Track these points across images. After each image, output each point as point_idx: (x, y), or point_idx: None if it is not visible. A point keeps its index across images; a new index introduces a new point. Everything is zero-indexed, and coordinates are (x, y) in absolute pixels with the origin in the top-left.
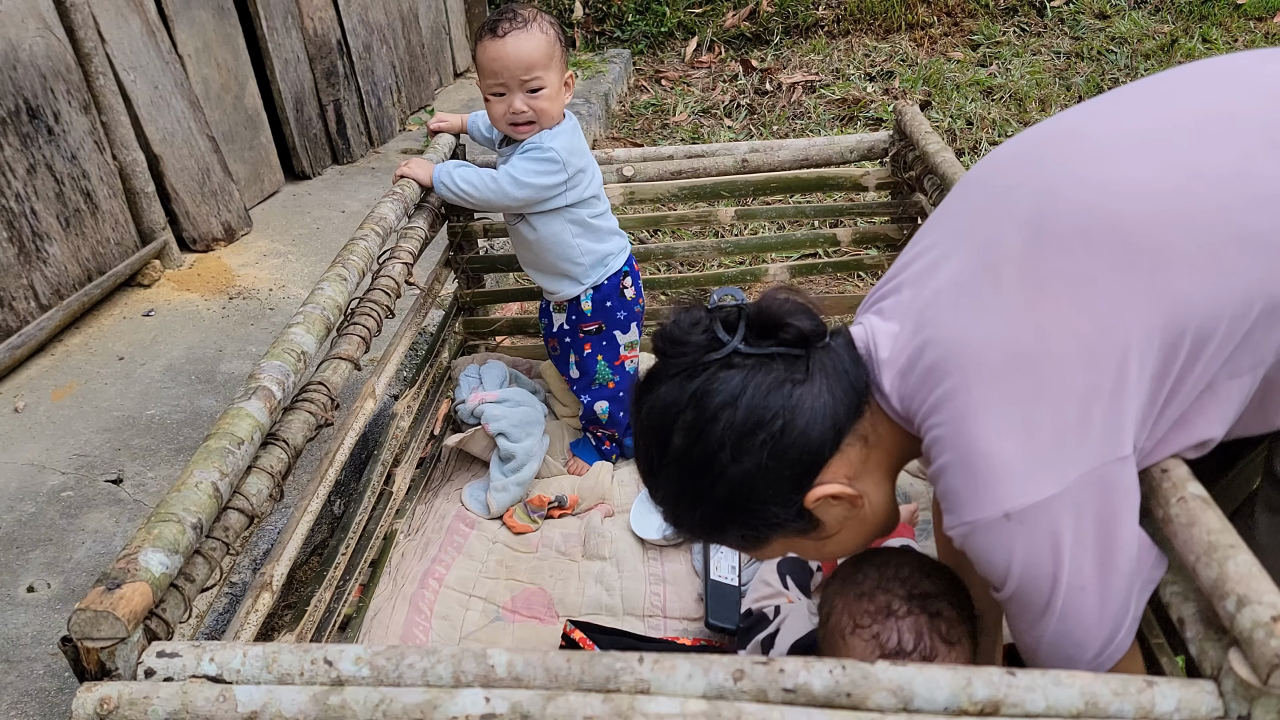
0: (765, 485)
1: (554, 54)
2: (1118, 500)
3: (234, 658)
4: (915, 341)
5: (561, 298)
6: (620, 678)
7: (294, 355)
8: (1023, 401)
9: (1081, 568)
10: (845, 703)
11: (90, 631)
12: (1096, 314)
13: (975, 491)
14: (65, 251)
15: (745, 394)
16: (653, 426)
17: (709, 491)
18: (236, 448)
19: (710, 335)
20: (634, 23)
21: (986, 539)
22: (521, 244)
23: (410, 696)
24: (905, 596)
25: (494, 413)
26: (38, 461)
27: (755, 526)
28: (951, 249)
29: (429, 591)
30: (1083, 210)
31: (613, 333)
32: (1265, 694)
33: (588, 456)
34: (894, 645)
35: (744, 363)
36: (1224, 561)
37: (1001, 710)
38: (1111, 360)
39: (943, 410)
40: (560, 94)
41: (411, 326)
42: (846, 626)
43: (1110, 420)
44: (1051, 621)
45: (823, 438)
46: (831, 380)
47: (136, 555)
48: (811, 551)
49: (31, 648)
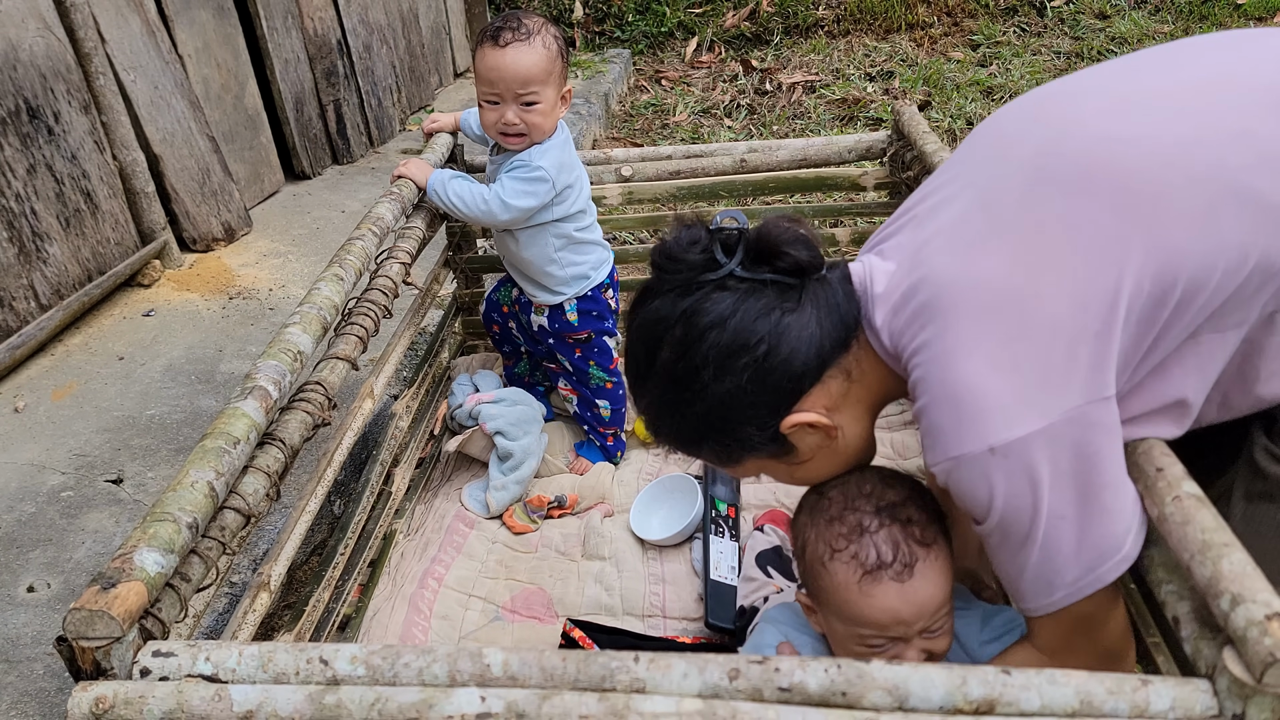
0: (744, 407)
1: (553, 70)
2: (1100, 438)
3: (229, 657)
4: (910, 279)
5: (540, 303)
6: (616, 677)
7: (290, 355)
8: (1012, 339)
9: (1062, 499)
10: (840, 701)
11: (85, 631)
12: (1091, 256)
13: (960, 426)
14: (65, 251)
15: (734, 317)
16: (643, 338)
17: (689, 406)
18: (233, 447)
19: (708, 255)
20: (634, 23)
21: (970, 473)
22: (506, 251)
23: (406, 696)
24: (874, 511)
25: (491, 412)
26: (38, 461)
27: (730, 445)
28: (954, 193)
29: (428, 591)
30: (1086, 156)
31: (602, 339)
32: (1259, 692)
33: (592, 456)
34: (874, 561)
35: (737, 286)
36: (1218, 560)
37: (996, 709)
38: (1102, 303)
39: (932, 346)
40: (555, 109)
41: (410, 326)
42: (824, 554)
43: (1096, 361)
44: (1033, 551)
45: (805, 367)
46: (822, 312)
47: (132, 555)
48: (783, 475)
49: (31, 648)
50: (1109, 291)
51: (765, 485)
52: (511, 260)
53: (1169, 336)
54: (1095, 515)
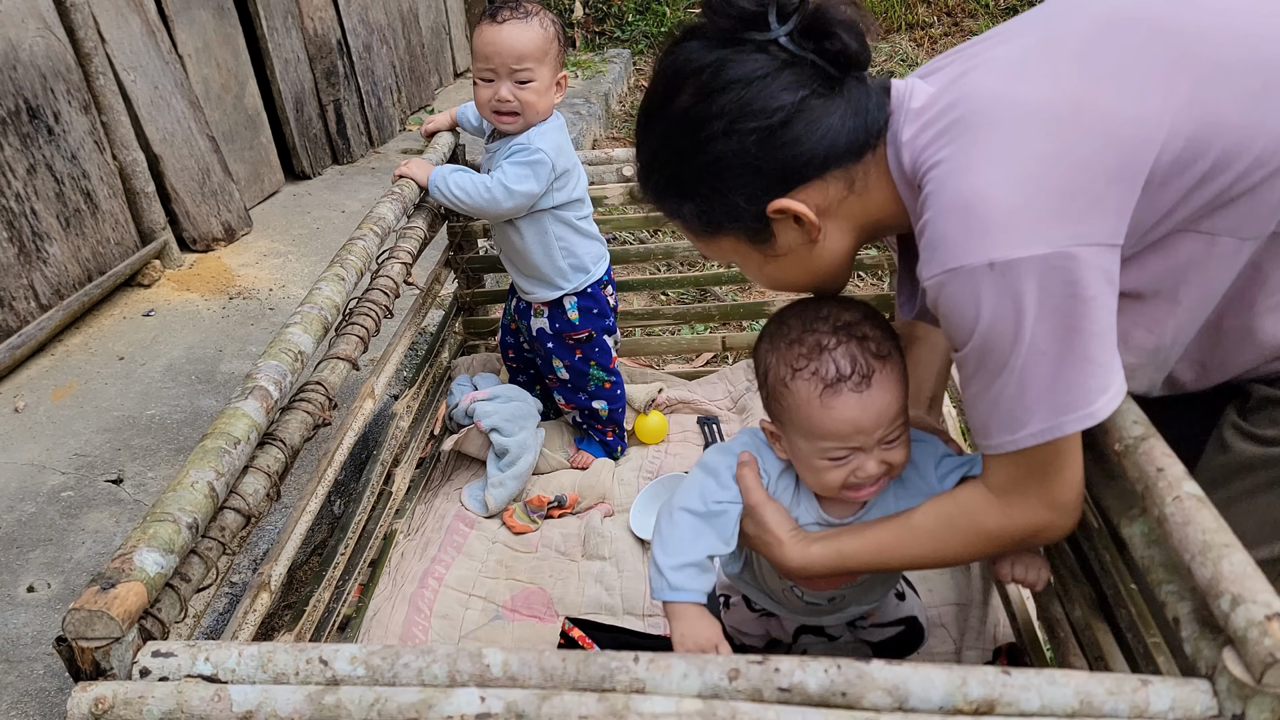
0: (740, 172)
1: (549, 50)
2: (1098, 283)
3: (229, 657)
4: (948, 98)
5: (538, 300)
6: (615, 677)
7: (291, 355)
8: (1039, 159)
9: (1046, 334)
10: (840, 702)
11: (85, 631)
12: (1137, 100)
13: (965, 236)
14: (65, 251)
15: (763, 80)
16: (667, 78)
17: (689, 157)
18: (233, 447)
19: (761, 11)
20: (634, 23)
21: (962, 288)
22: (506, 244)
23: (405, 696)
24: (831, 330)
25: (485, 409)
26: (38, 461)
27: (714, 209)
28: (1016, 33)
29: (429, 591)
30: (1159, 16)
31: (602, 338)
32: (1259, 693)
33: (593, 450)
34: (833, 374)
35: (778, 54)
36: (1219, 560)
37: (996, 709)
38: (1135, 149)
39: (954, 160)
40: (550, 91)
41: (411, 327)
42: (785, 375)
43: (1115, 205)
44: (1009, 382)
45: (812, 155)
46: (849, 110)
47: (131, 555)
48: (754, 268)
49: (31, 648)
50: (1145, 140)
51: None
52: (511, 255)
53: (1182, 210)
54: (1076, 361)
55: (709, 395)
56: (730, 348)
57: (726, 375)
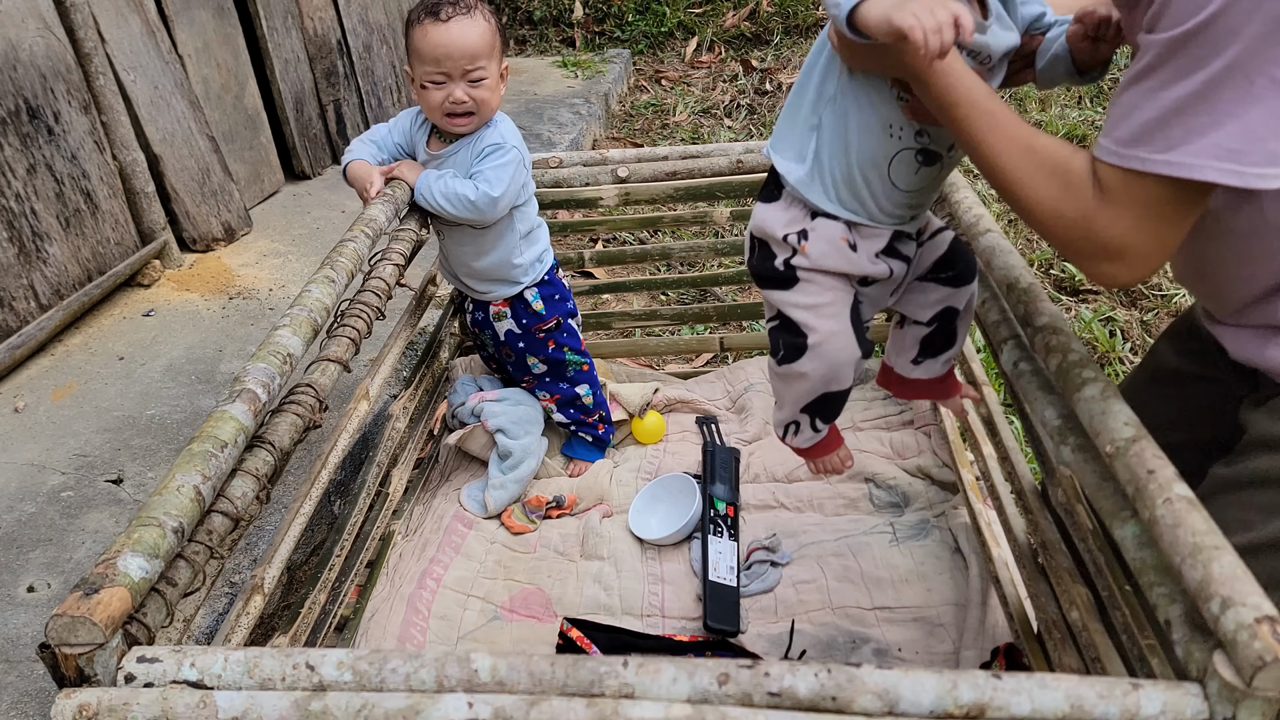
0: None
1: (495, 43)
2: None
3: (215, 663)
4: None
5: (497, 298)
6: (604, 682)
7: (279, 358)
8: None
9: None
10: (830, 706)
11: (68, 637)
12: None
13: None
14: (65, 251)
15: None
16: None
17: None
18: (220, 451)
19: None
20: (634, 23)
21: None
22: (464, 249)
23: (392, 702)
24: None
25: (493, 409)
26: (38, 461)
27: None
28: None
29: (427, 592)
30: None
31: (568, 321)
32: (1249, 696)
33: (586, 455)
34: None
35: None
36: (1209, 563)
37: (987, 713)
38: None
39: None
40: (499, 86)
41: (407, 328)
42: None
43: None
44: (1194, 90)
45: None
46: None
47: (115, 560)
48: None
49: (31, 648)
50: None
51: (765, 485)
52: (468, 259)
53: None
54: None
55: (708, 395)
56: (729, 348)
57: (725, 374)
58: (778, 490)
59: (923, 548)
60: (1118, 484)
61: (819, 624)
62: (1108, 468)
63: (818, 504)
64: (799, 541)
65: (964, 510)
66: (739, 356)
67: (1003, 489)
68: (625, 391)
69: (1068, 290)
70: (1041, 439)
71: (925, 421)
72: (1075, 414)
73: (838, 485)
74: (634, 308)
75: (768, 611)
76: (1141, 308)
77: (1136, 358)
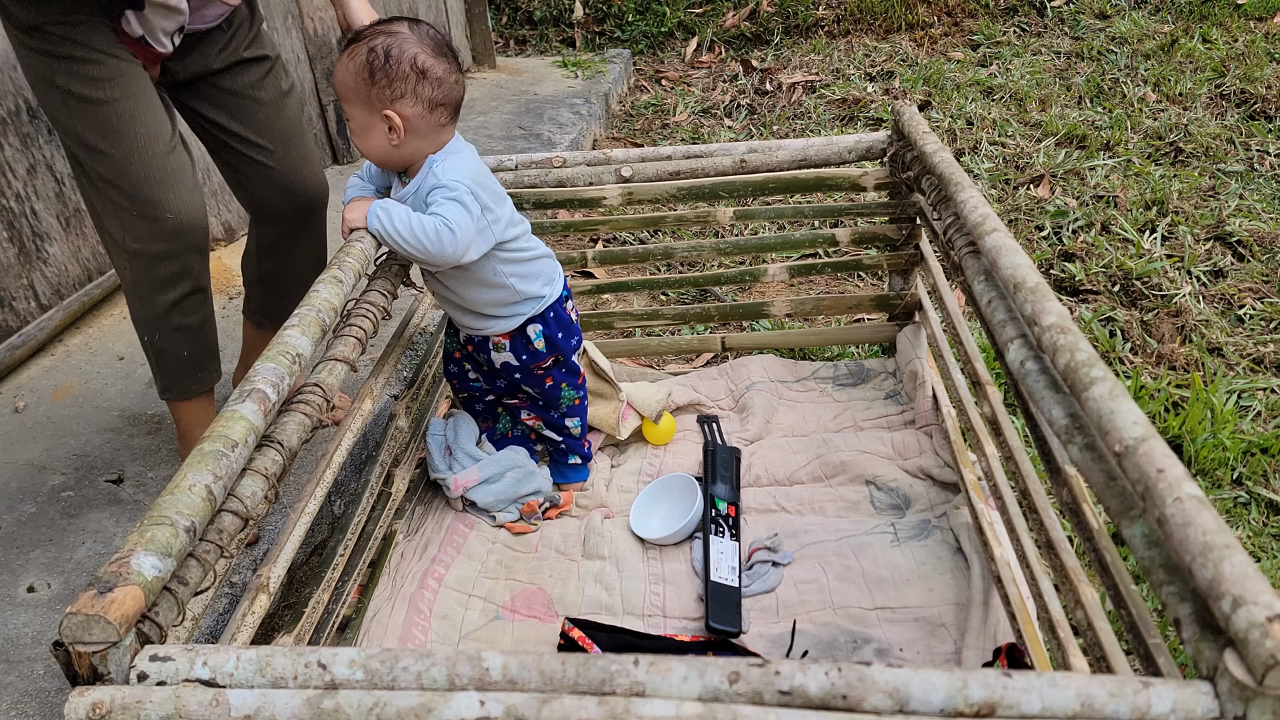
0: None
1: (364, 89)
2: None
3: (227, 661)
4: None
5: (495, 332)
6: (615, 680)
7: (289, 357)
8: None
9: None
10: (841, 705)
11: (82, 636)
12: None
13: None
14: (65, 251)
15: None
16: None
17: None
18: (230, 450)
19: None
20: (634, 23)
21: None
22: (447, 292)
23: (404, 700)
24: None
25: (482, 494)
26: (38, 461)
27: None
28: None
29: (428, 591)
30: None
31: (570, 359)
32: (1260, 695)
33: (575, 477)
34: None
35: None
36: (1219, 562)
37: (997, 712)
38: None
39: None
40: (374, 134)
41: (410, 327)
42: None
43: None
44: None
45: None
46: None
47: (129, 559)
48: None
49: (31, 648)
50: None
51: (765, 489)
52: (458, 301)
53: None
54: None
55: (710, 393)
56: (730, 348)
57: (727, 371)
58: (778, 493)
59: (924, 547)
60: (1126, 482)
61: (820, 624)
62: (1116, 467)
63: (818, 507)
64: (800, 541)
65: (965, 510)
66: (740, 356)
67: (1005, 489)
68: (639, 395)
69: (1068, 290)
70: (1047, 438)
71: (927, 421)
72: (1083, 413)
73: (839, 488)
74: (635, 307)
75: (769, 611)
76: (1141, 308)
77: (1137, 358)
